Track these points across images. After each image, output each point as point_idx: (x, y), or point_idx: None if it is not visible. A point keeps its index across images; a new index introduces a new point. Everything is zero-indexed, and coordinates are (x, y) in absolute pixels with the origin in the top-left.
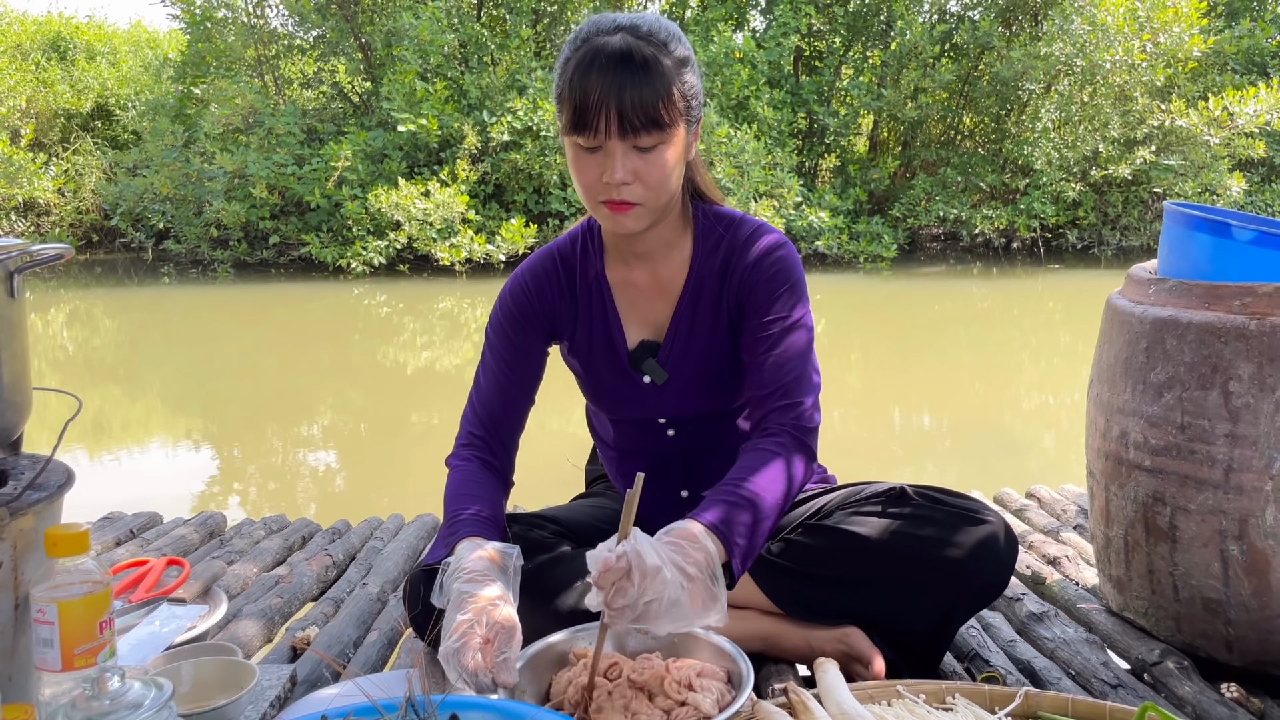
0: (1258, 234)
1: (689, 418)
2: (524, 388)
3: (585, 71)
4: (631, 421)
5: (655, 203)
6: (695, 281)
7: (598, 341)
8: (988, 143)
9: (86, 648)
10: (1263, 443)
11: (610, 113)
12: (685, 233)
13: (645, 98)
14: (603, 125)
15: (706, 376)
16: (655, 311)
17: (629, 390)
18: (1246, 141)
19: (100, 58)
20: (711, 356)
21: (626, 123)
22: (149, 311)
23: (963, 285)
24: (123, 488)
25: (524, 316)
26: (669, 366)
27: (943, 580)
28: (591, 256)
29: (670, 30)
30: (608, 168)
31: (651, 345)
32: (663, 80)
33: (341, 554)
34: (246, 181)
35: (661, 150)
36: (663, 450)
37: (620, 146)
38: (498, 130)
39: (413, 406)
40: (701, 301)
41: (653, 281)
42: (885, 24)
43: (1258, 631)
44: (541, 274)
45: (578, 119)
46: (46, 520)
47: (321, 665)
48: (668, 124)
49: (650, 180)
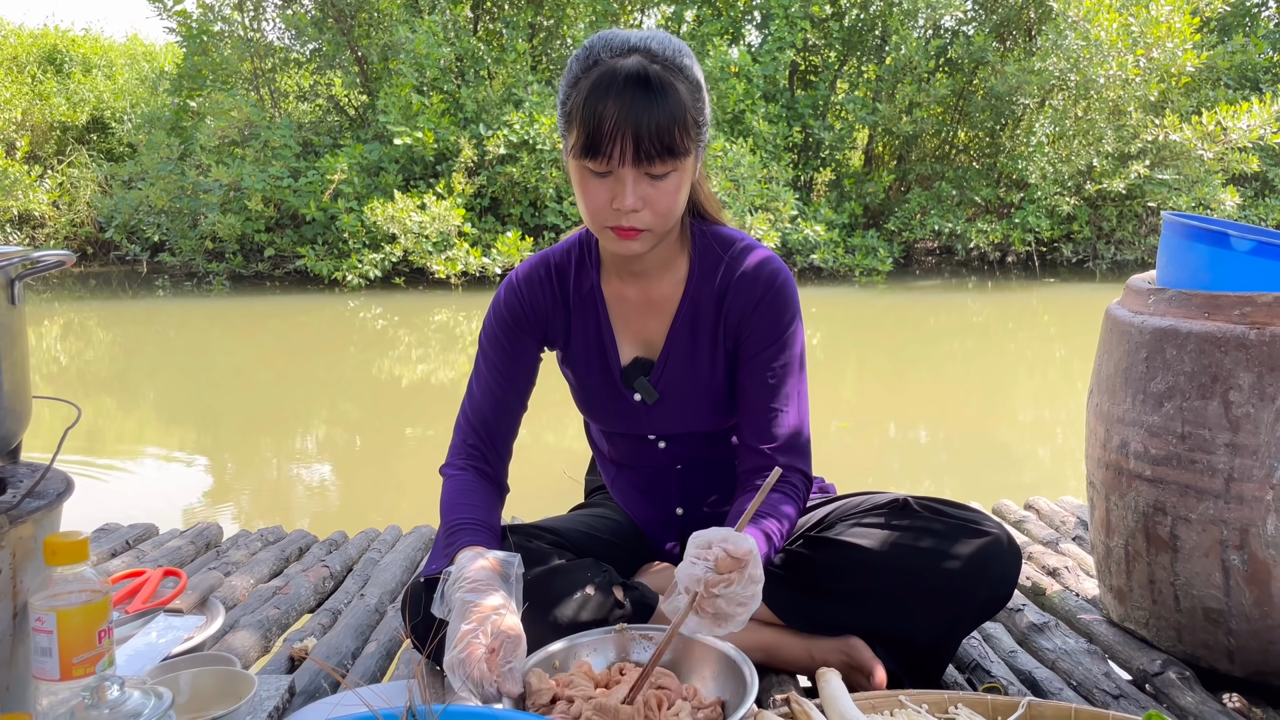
0: (1256, 244)
1: (680, 435)
2: (517, 394)
3: (600, 96)
4: (624, 435)
5: (662, 228)
6: (691, 303)
7: (591, 355)
8: (982, 157)
9: (85, 657)
10: (1263, 452)
11: (625, 140)
12: (683, 252)
13: (661, 125)
14: (616, 152)
15: (697, 397)
16: (649, 329)
17: (620, 406)
18: (1240, 156)
19: (96, 70)
20: (704, 379)
21: (641, 151)
22: (144, 324)
23: (958, 299)
24: (118, 499)
25: (516, 322)
26: (660, 386)
27: (946, 593)
28: (587, 269)
29: (682, 50)
30: (618, 194)
31: (644, 364)
32: (679, 107)
33: (339, 565)
34: (242, 194)
35: (673, 177)
36: (657, 463)
37: (632, 173)
38: (494, 144)
39: (408, 419)
40: (697, 324)
41: (647, 299)
42: (880, 39)
43: (1259, 641)
44: (535, 281)
45: (590, 144)
46: (45, 528)
47: (320, 676)
48: (681, 152)
49: (660, 207)
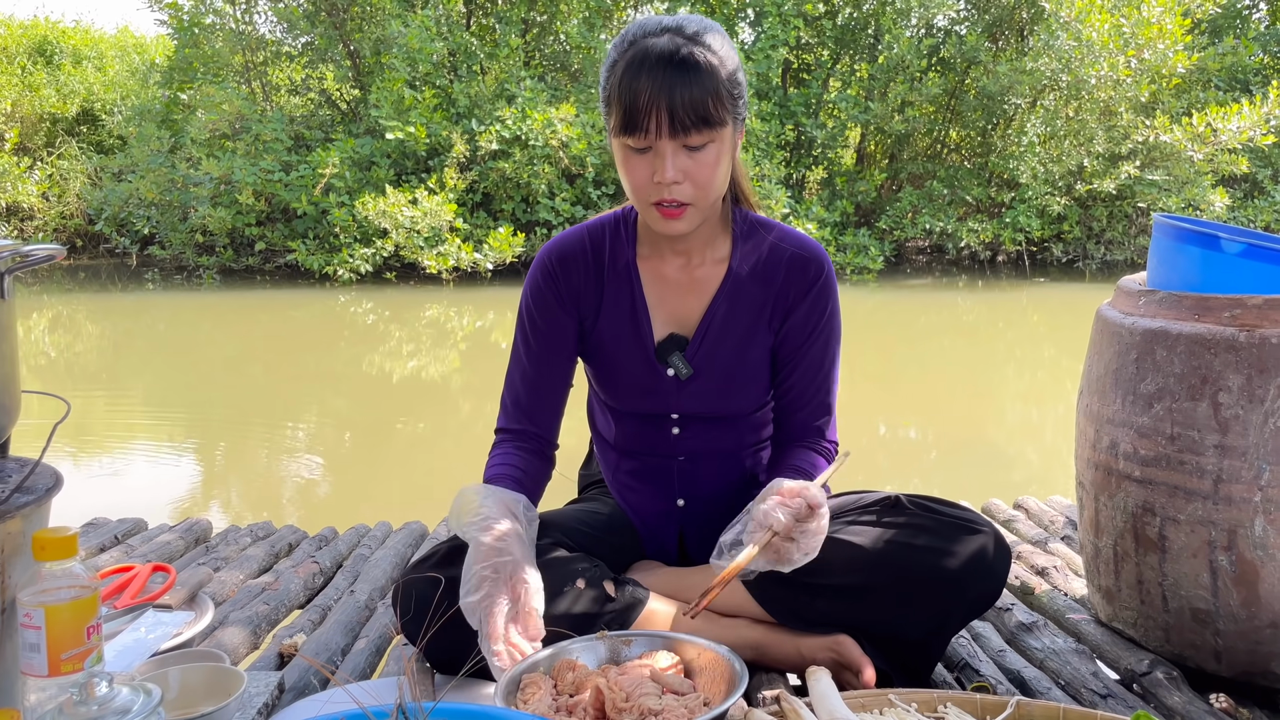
0: (1246, 246)
1: (700, 416)
2: (552, 369)
3: (635, 73)
4: (640, 416)
5: (704, 202)
6: (733, 283)
7: (624, 330)
8: (974, 156)
9: (74, 653)
10: (1252, 454)
11: (660, 112)
12: (725, 233)
13: (695, 96)
14: (653, 125)
15: (730, 377)
16: (686, 307)
17: (649, 382)
18: (1229, 157)
19: (86, 62)
20: (740, 357)
21: (677, 122)
22: (133, 317)
23: (948, 298)
24: (107, 494)
25: (550, 296)
26: (695, 363)
27: (936, 589)
28: (623, 245)
29: (714, 27)
30: (658, 168)
31: (680, 339)
32: (711, 78)
33: (329, 561)
34: (233, 188)
35: (710, 149)
36: (664, 451)
37: (670, 146)
38: (486, 139)
39: (399, 414)
40: (738, 302)
41: (686, 278)
42: (873, 38)
43: (1246, 642)
44: (569, 255)
45: (628, 120)
46: (34, 524)
47: (309, 673)
48: (717, 122)
49: (700, 179)
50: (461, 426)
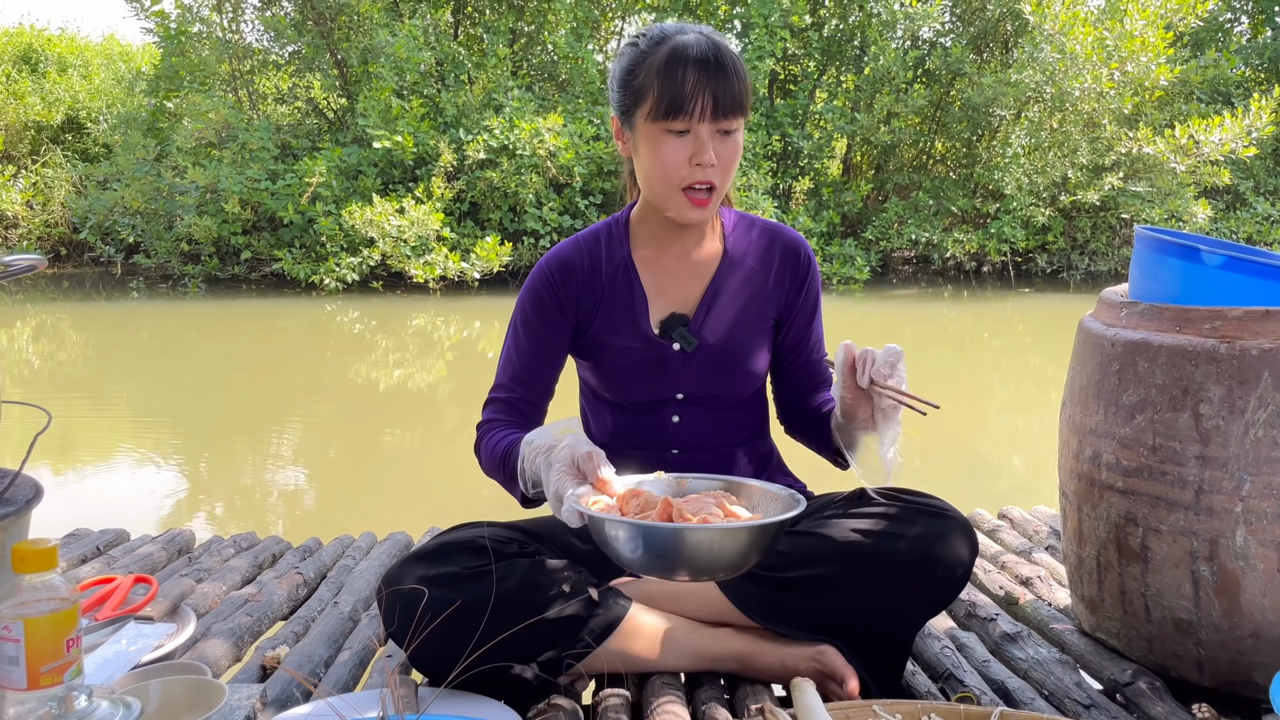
0: (1226, 259)
1: (702, 397)
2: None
3: (678, 62)
4: (639, 407)
5: (725, 187)
6: (729, 264)
7: (621, 318)
8: (959, 167)
9: (53, 666)
10: (1233, 464)
11: (705, 98)
12: (715, 223)
13: (733, 84)
14: (697, 110)
15: (733, 348)
16: (685, 290)
17: (653, 361)
18: (1211, 169)
19: (72, 70)
20: (742, 331)
21: (719, 107)
22: (117, 326)
23: (934, 308)
24: (88, 504)
25: (548, 303)
26: (700, 335)
27: (901, 573)
28: (618, 245)
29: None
30: (697, 150)
31: (681, 317)
32: (742, 70)
33: (312, 572)
34: (219, 196)
35: (738, 135)
36: (659, 445)
37: (708, 129)
38: (473, 148)
39: (385, 424)
40: (737, 281)
41: (684, 266)
42: (859, 49)
43: (1228, 652)
44: (569, 263)
45: (673, 105)
46: (14, 535)
47: (292, 685)
48: (746, 110)
49: (728, 163)
50: (447, 437)
